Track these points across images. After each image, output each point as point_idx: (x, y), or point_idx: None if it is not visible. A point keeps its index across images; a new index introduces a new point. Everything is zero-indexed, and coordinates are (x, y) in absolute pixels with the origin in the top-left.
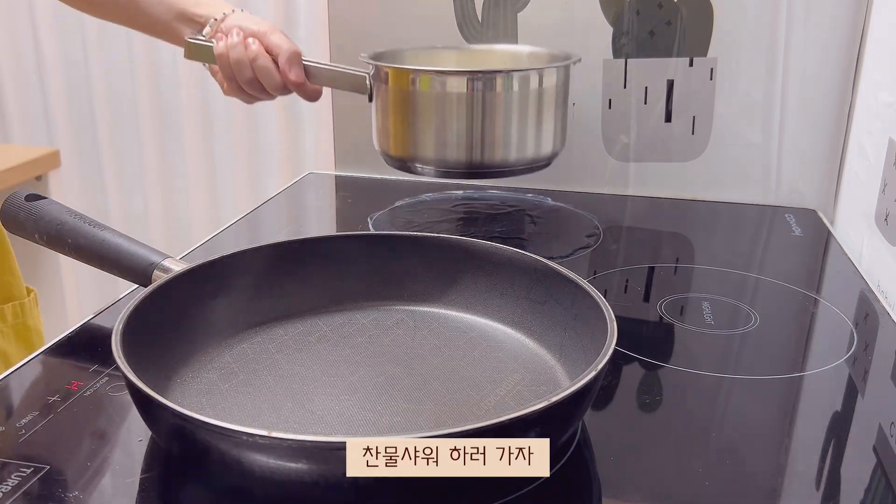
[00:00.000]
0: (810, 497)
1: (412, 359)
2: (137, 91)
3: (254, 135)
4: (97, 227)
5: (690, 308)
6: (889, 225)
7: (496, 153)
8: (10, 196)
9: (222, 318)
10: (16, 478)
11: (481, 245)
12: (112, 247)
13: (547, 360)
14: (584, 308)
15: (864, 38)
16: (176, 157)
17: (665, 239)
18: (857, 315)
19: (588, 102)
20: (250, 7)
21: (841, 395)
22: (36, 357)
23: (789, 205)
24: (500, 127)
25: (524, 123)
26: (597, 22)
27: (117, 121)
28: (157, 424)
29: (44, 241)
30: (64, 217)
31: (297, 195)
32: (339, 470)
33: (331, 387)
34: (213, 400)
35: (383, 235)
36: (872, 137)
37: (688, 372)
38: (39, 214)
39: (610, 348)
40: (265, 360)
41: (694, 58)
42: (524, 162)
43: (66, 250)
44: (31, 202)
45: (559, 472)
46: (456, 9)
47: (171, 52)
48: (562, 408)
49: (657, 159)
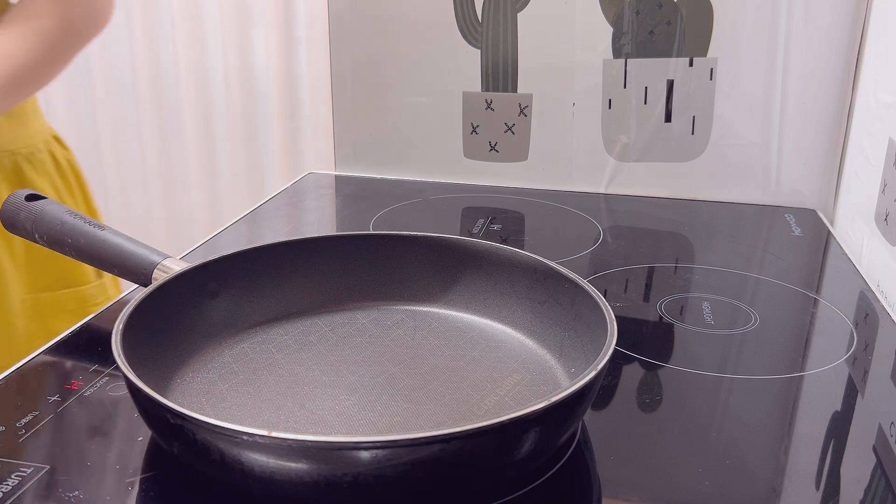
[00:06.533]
0: (810, 497)
1: (412, 359)
2: (138, 91)
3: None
4: (97, 227)
5: (690, 308)
6: (889, 225)
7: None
8: (11, 196)
9: (222, 318)
10: (16, 478)
11: (481, 245)
12: (112, 247)
13: (547, 360)
14: (584, 308)
15: (864, 38)
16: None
17: (665, 239)
18: (857, 315)
19: (588, 102)
20: (250, 7)
21: (841, 395)
22: (36, 357)
23: (789, 205)
24: None
25: None
26: (597, 22)
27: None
28: (157, 424)
29: (44, 241)
30: (64, 217)
31: (297, 195)
32: (339, 470)
33: (331, 387)
34: (213, 400)
35: (383, 235)
36: (872, 137)
37: (688, 372)
38: (39, 214)
39: (610, 348)
40: (265, 360)
41: (694, 58)
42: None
43: (66, 250)
44: (30, 202)
45: (559, 472)
46: (456, 9)
47: (171, 52)
48: (562, 408)
49: (657, 159)
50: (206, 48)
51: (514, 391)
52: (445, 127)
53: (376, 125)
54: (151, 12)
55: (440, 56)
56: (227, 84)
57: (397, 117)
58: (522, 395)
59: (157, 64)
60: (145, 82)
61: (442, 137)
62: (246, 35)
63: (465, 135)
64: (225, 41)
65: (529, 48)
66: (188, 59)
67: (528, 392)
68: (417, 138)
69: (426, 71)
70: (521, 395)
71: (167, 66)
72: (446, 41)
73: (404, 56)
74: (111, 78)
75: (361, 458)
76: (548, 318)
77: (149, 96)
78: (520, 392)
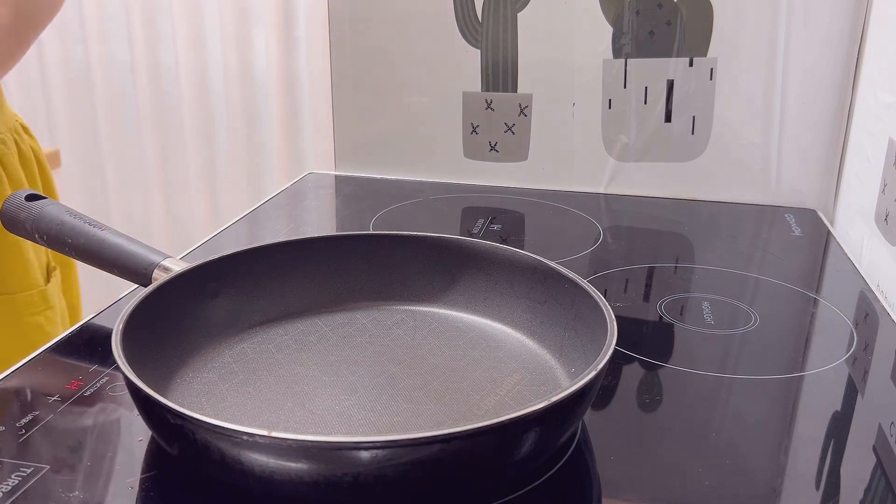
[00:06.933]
0: (810, 497)
1: (412, 359)
2: (138, 91)
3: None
4: (97, 227)
5: (690, 308)
6: (889, 225)
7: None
8: (11, 196)
9: (222, 318)
10: (16, 478)
11: (481, 245)
12: (112, 247)
13: (547, 360)
14: (585, 308)
15: (864, 38)
16: (176, 157)
17: (665, 239)
18: (857, 315)
19: (588, 102)
20: (250, 7)
21: (841, 395)
22: (36, 357)
23: (789, 205)
24: None
25: None
26: (597, 22)
27: (118, 121)
28: (157, 424)
29: (44, 241)
30: (64, 217)
31: (297, 195)
32: (339, 470)
33: (331, 387)
34: (213, 400)
35: (383, 235)
36: (872, 137)
37: (688, 372)
38: (39, 214)
39: (610, 348)
40: (265, 360)
41: (694, 58)
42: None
43: (66, 250)
44: (30, 202)
45: (559, 472)
46: (456, 9)
47: (171, 52)
48: (562, 408)
49: (657, 159)
50: (206, 48)
51: (514, 391)
52: (445, 127)
53: (376, 125)
54: (151, 12)
55: (440, 56)
56: (227, 84)
57: (397, 117)
58: (522, 395)
59: (157, 64)
60: (145, 82)
61: (442, 137)
62: (246, 35)
63: (465, 135)
64: (225, 41)
65: (529, 48)
66: (188, 59)
67: (528, 392)
68: (417, 138)
69: (426, 71)
70: (521, 395)
71: (167, 66)
72: (446, 41)
73: (404, 56)
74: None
75: (361, 459)
76: (548, 319)
77: (149, 96)
78: (520, 392)
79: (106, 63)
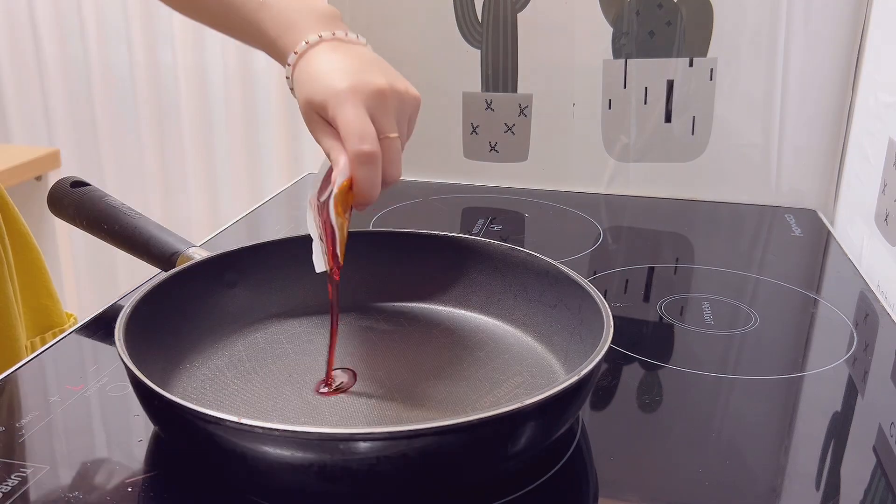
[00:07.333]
0: (810, 497)
1: (418, 356)
2: (137, 91)
3: (254, 135)
4: (131, 215)
5: (690, 308)
6: (889, 225)
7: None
8: (58, 182)
9: (238, 307)
10: (16, 478)
11: (496, 246)
12: (142, 232)
13: (552, 363)
14: (589, 313)
15: (864, 38)
16: (176, 157)
17: (665, 239)
18: (857, 315)
19: (588, 102)
20: None
21: (841, 395)
22: (36, 357)
23: (789, 205)
24: None
25: None
26: (597, 22)
27: (117, 121)
28: (143, 403)
29: (83, 225)
30: (103, 204)
31: (297, 195)
32: (307, 461)
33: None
34: (216, 386)
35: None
36: (872, 137)
37: (688, 372)
38: (81, 200)
39: (606, 343)
40: (274, 349)
41: (694, 58)
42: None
43: (101, 234)
44: (75, 188)
45: (559, 472)
46: (456, 9)
47: (171, 52)
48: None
49: (657, 159)
50: (205, 48)
51: (513, 394)
52: (445, 127)
53: None
54: (150, 12)
55: (440, 56)
56: (227, 84)
57: None
58: (518, 397)
59: (156, 64)
60: (144, 82)
61: (442, 137)
62: None
63: (465, 135)
64: (225, 41)
65: (529, 48)
66: (187, 60)
67: (524, 395)
68: (417, 138)
69: (426, 71)
70: (516, 397)
71: (166, 66)
72: (446, 41)
73: (404, 56)
74: (110, 78)
75: (326, 448)
76: (557, 323)
77: (148, 97)
78: (517, 395)
79: (105, 63)
